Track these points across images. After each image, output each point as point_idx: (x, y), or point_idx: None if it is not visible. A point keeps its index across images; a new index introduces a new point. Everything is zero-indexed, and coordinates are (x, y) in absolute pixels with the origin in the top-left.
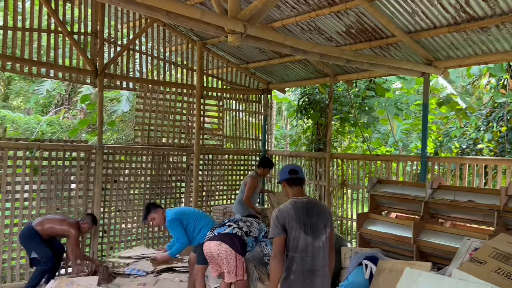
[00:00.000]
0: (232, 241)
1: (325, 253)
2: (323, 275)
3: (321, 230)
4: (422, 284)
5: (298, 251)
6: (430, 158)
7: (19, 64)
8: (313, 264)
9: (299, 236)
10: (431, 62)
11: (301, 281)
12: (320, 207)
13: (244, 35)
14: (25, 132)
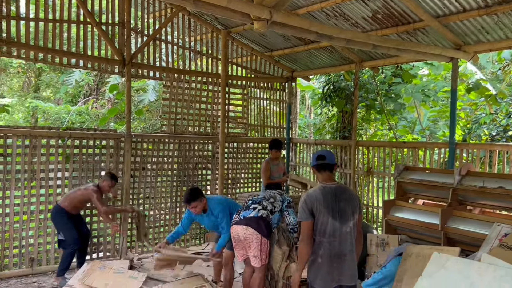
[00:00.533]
0: (258, 225)
1: (352, 239)
2: (350, 260)
3: (348, 216)
4: (450, 268)
5: (326, 236)
6: (459, 145)
7: (50, 55)
8: (340, 249)
9: (327, 221)
10: (460, 47)
11: (328, 265)
12: (348, 192)
13: (270, 22)
14: (55, 122)
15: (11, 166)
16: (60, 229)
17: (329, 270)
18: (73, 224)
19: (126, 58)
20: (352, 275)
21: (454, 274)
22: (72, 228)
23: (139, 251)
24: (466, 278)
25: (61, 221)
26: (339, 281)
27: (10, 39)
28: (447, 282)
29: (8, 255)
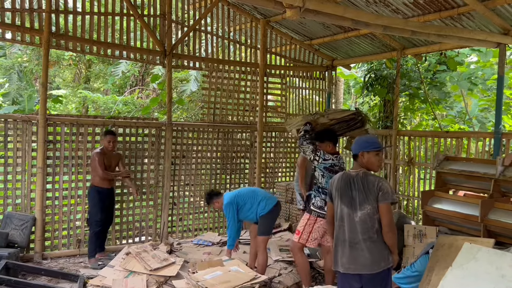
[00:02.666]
0: None
1: (364, 228)
2: (363, 248)
3: (357, 205)
4: (481, 259)
5: (337, 220)
6: (505, 135)
7: (96, 47)
8: (349, 236)
9: (337, 205)
10: (508, 32)
11: (339, 249)
12: (367, 182)
13: (303, 9)
14: (104, 111)
15: (60, 153)
16: (90, 208)
17: (341, 254)
18: (102, 205)
19: (167, 48)
20: (366, 265)
21: (485, 265)
22: (98, 210)
23: (179, 236)
24: (498, 270)
25: (91, 198)
26: (348, 269)
27: (58, 32)
28: (478, 273)
29: (57, 236)
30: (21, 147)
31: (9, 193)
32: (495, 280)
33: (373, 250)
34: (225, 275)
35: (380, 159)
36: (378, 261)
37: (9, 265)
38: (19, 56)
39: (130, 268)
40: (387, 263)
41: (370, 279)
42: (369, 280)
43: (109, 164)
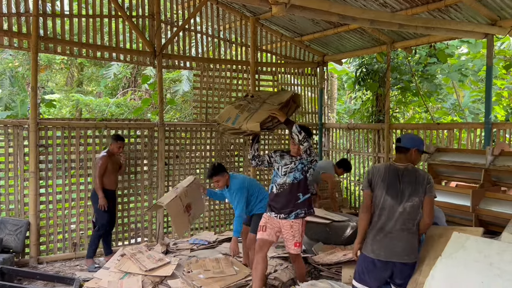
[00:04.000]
0: None
1: (405, 219)
2: (400, 238)
3: (405, 197)
4: (470, 248)
5: (377, 209)
6: (496, 125)
7: (85, 49)
8: (387, 225)
9: (381, 195)
10: (496, 22)
11: (371, 237)
12: (415, 176)
13: (289, 5)
14: (97, 114)
15: (52, 156)
16: (95, 211)
17: (371, 241)
18: (108, 206)
19: (156, 49)
20: (399, 253)
21: (474, 254)
22: (105, 212)
23: (175, 236)
24: (486, 258)
25: (95, 203)
26: (378, 256)
27: (47, 35)
28: (466, 261)
29: (53, 240)
30: (13, 152)
31: (2, 199)
32: (484, 268)
33: (408, 241)
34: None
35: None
36: (411, 253)
37: (4, 271)
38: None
39: (125, 269)
40: (416, 256)
41: (402, 268)
42: (401, 269)
43: (115, 167)
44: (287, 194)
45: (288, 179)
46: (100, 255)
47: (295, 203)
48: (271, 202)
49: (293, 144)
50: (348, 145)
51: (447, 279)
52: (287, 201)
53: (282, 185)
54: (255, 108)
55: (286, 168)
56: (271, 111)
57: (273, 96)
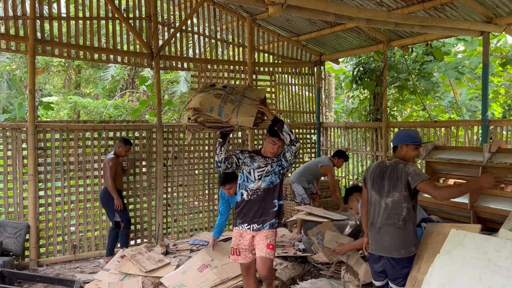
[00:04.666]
0: None
1: (391, 215)
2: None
3: (386, 192)
4: (468, 245)
5: (370, 205)
6: (493, 122)
7: (82, 52)
8: (376, 220)
9: (370, 191)
10: (491, 20)
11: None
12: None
13: (285, 6)
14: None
15: (51, 159)
16: (115, 211)
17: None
18: (124, 204)
19: (154, 50)
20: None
21: (472, 251)
22: (125, 208)
23: (174, 237)
24: (484, 254)
25: (113, 203)
26: (372, 250)
27: (44, 38)
28: (465, 258)
29: (52, 243)
30: (11, 155)
31: (1, 202)
32: (482, 265)
33: (395, 237)
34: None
35: (418, 153)
36: (400, 248)
37: (4, 273)
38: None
39: (125, 270)
40: (408, 252)
41: (391, 263)
42: (391, 263)
43: (121, 168)
44: (261, 200)
45: (263, 183)
46: (100, 256)
47: (270, 211)
48: (240, 211)
49: (273, 144)
50: (346, 144)
51: (446, 276)
52: (260, 209)
53: (255, 190)
54: (238, 100)
55: (260, 171)
56: (258, 106)
57: (248, 90)
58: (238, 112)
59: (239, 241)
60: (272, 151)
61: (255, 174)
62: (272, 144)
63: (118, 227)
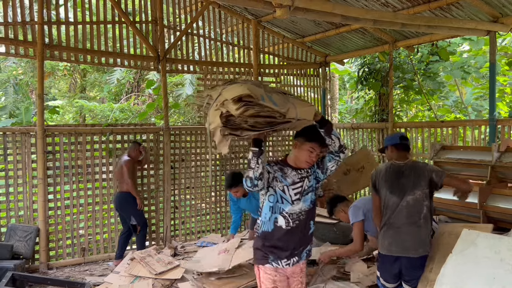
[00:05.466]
0: None
1: (412, 212)
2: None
3: (406, 191)
4: (480, 244)
5: (384, 208)
6: (500, 121)
7: (90, 56)
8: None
9: (385, 193)
10: (497, 19)
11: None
12: (413, 170)
13: (292, 8)
14: (101, 120)
15: (59, 163)
16: (132, 214)
17: (382, 238)
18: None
19: (160, 54)
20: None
21: (484, 250)
22: (141, 212)
23: (182, 239)
24: (496, 254)
25: (130, 206)
26: (389, 251)
27: (52, 43)
28: (477, 258)
29: (62, 246)
30: (21, 159)
31: (12, 205)
32: (494, 264)
33: (416, 235)
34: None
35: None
36: (418, 247)
37: (16, 277)
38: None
39: (136, 273)
40: (426, 250)
41: (408, 263)
42: (408, 264)
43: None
44: (302, 227)
45: (304, 204)
46: (109, 259)
47: (309, 236)
48: (276, 244)
49: (311, 152)
50: (352, 145)
51: (458, 276)
52: (302, 237)
53: (297, 214)
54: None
55: (297, 188)
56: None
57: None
58: (296, 105)
59: (275, 280)
60: (309, 160)
61: (290, 192)
62: (310, 151)
63: (134, 230)
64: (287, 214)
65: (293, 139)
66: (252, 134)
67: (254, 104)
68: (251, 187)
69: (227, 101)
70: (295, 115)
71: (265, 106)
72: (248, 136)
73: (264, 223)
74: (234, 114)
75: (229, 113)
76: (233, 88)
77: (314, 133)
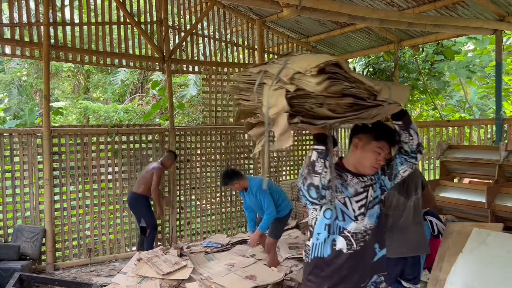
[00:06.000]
0: None
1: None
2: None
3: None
4: (491, 244)
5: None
6: (507, 120)
7: (95, 57)
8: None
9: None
10: (504, 18)
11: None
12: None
13: (299, 7)
14: (105, 120)
15: (65, 164)
16: (142, 216)
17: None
18: (152, 210)
19: (165, 54)
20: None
21: (495, 249)
22: (152, 215)
23: (188, 239)
24: (508, 253)
25: (143, 207)
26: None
27: (57, 44)
28: (488, 257)
29: (68, 247)
30: (27, 160)
31: (18, 206)
32: (506, 264)
33: (420, 234)
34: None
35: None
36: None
37: (23, 278)
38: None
39: (143, 273)
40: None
41: (413, 262)
42: (412, 262)
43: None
44: (368, 251)
45: (369, 220)
46: (115, 260)
47: (376, 263)
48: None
49: (379, 153)
50: None
51: (469, 275)
52: (368, 266)
53: (363, 234)
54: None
55: (361, 200)
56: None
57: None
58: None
59: None
60: (375, 164)
61: (353, 206)
62: (377, 152)
63: (142, 232)
64: (349, 234)
65: (351, 136)
66: (329, 122)
67: (340, 78)
68: (317, 199)
69: (300, 73)
70: (388, 95)
71: (355, 80)
72: (323, 125)
73: (316, 246)
74: (313, 90)
75: (295, 93)
76: (305, 58)
77: (382, 128)
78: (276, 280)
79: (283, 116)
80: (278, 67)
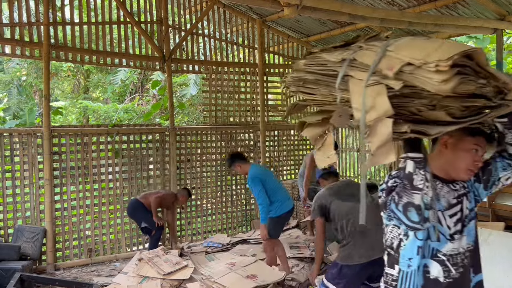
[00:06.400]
0: None
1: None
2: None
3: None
4: (494, 243)
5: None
6: None
7: (95, 56)
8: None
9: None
10: (504, 17)
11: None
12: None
13: (300, 7)
14: (105, 120)
15: (66, 163)
16: (142, 219)
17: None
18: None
19: (165, 54)
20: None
21: (498, 248)
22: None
23: (188, 239)
24: (510, 252)
25: (141, 213)
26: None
27: (57, 44)
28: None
29: (68, 247)
30: (27, 160)
31: (19, 206)
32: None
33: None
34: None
35: None
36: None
37: (24, 278)
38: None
39: (144, 273)
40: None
41: (380, 262)
42: (379, 263)
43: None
44: (465, 278)
45: (468, 239)
46: (116, 260)
47: None
48: None
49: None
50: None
51: None
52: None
53: (462, 257)
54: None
55: (456, 213)
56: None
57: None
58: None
59: None
60: (472, 167)
61: (447, 222)
62: (474, 151)
63: (145, 233)
64: (444, 258)
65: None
66: (447, 130)
67: (470, 73)
68: (419, 222)
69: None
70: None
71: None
72: (438, 134)
73: (408, 275)
74: (435, 90)
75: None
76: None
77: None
78: (277, 279)
79: (386, 123)
80: (372, 54)
